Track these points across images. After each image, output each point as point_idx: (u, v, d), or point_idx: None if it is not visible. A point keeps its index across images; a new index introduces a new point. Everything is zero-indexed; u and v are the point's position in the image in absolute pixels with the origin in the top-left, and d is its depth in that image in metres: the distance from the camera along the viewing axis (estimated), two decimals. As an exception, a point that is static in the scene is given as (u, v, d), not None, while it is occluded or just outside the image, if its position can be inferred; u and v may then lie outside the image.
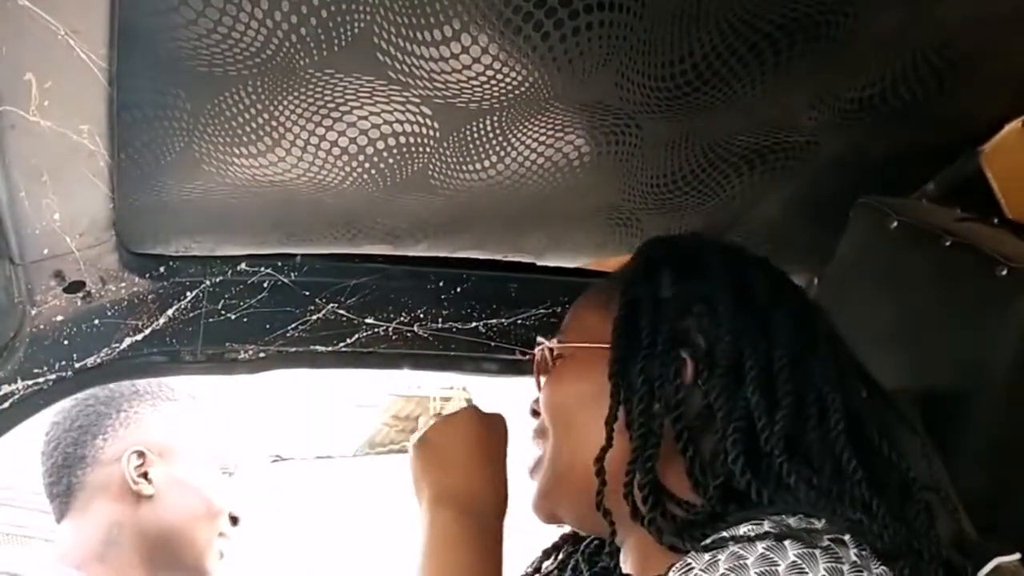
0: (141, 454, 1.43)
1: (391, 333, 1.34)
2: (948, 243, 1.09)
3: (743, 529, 0.78)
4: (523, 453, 0.99)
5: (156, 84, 0.89)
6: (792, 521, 0.77)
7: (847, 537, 0.76)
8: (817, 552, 0.73)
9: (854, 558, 0.74)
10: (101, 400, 1.45)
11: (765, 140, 1.11)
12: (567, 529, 1.04)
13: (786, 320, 0.89)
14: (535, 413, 0.99)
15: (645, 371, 0.88)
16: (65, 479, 1.44)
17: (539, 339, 1.00)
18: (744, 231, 1.31)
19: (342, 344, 1.32)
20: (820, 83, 1.02)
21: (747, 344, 0.86)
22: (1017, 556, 0.91)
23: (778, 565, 0.72)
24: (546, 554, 1.06)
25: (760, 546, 0.74)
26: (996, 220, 1.11)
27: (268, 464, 10.98)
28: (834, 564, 0.73)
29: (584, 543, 1.03)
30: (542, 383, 0.98)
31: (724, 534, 0.77)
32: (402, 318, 1.34)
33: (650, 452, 0.85)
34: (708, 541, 0.77)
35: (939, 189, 1.19)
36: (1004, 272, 1.03)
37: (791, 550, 0.73)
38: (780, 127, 1.09)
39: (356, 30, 0.84)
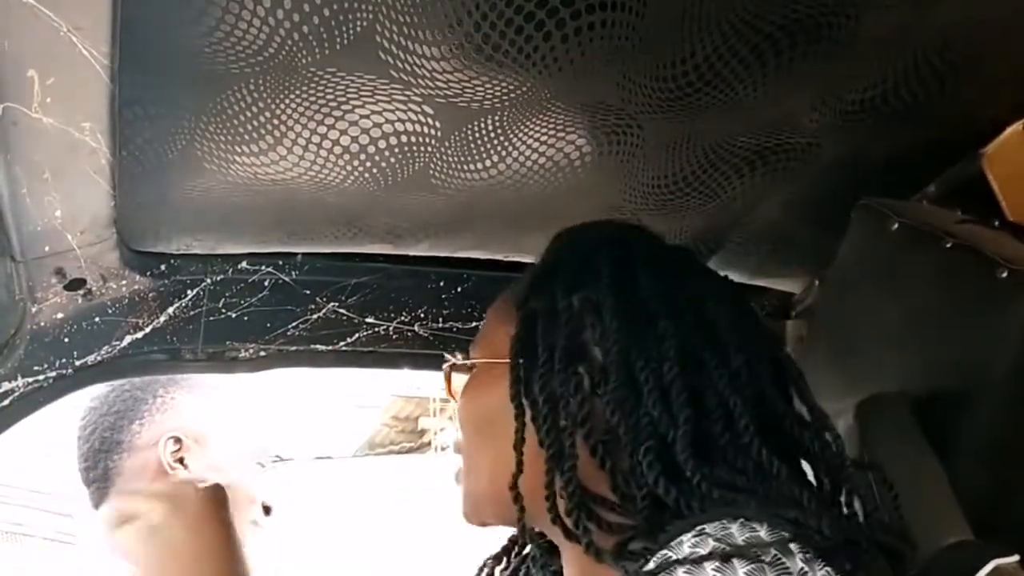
0: (178, 440, 1.42)
1: (392, 332, 1.34)
2: (949, 245, 1.09)
3: (687, 546, 0.74)
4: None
5: (158, 82, 0.89)
6: (735, 529, 0.74)
7: (792, 545, 0.72)
8: (766, 567, 0.70)
9: (800, 565, 0.71)
10: (137, 385, 1.44)
11: (766, 141, 1.11)
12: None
13: (675, 325, 0.85)
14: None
15: (546, 388, 0.85)
16: (102, 464, 1.43)
17: (446, 356, 0.99)
18: (745, 232, 1.31)
19: (342, 343, 1.32)
20: (821, 84, 1.02)
21: (637, 356, 0.83)
22: (1016, 558, 0.91)
23: None
24: (496, 559, 1.03)
25: (709, 568, 0.70)
26: (997, 222, 1.10)
27: (270, 464, 10.98)
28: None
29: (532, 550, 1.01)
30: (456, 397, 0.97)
31: (669, 554, 0.74)
32: (403, 317, 1.34)
33: (568, 473, 0.82)
34: (653, 566, 0.74)
35: (940, 191, 1.19)
36: (1005, 274, 1.03)
37: (740, 569, 0.70)
38: (781, 128, 1.09)
39: (358, 29, 0.84)
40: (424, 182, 1.08)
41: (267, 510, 1.50)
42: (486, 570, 1.02)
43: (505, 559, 1.02)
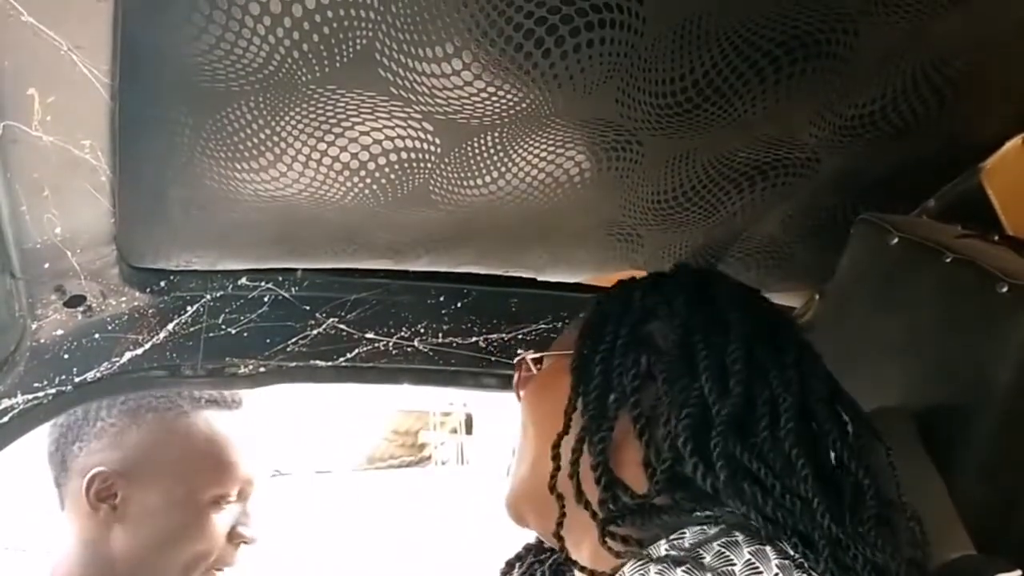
0: (106, 476, 1.31)
1: (391, 348, 1.34)
2: (949, 259, 1.09)
3: (663, 547, 0.78)
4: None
5: (158, 99, 0.89)
6: (714, 532, 0.78)
7: (768, 548, 0.75)
8: (739, 566, 0.74)
9: (775, 571, 0.74)
10: (84, 406, 1.32)
11: (766, 157, 1.11)
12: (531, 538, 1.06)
13: (744, 322, 0.91)
14: None
15: (603, 363, 0.91)
16: (53, 475, 1.37)
17: (520, 352, 1.05)
18: (745, 247, 1.31)
19: (342, 359, 1.31)
20: (820, 100, 1.03)
21: (700, 338, 0.89)
22: (1018, 572, 0.90)
23: None
24: (509, 565, 1.07)
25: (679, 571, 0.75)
26: (997, 237, 1.11)
27: (268, 479, 10.97)
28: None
29: (549, 556, 1.03)
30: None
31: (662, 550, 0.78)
32: (402, 333, 1.34)
33: (602, 434, 0.87)
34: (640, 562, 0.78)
35: (940, 205, 1.20)
36: (1004, 289, 1.03)
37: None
38: (781, 144, 1.09)
39: (358, 47, 0.84)
40: (424, 198, 1.08)
41: (239, 543, 1.38)
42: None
43: (518, 564, 1.06)
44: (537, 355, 1.01)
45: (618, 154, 1.05)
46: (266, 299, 1.27)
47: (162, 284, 1.21)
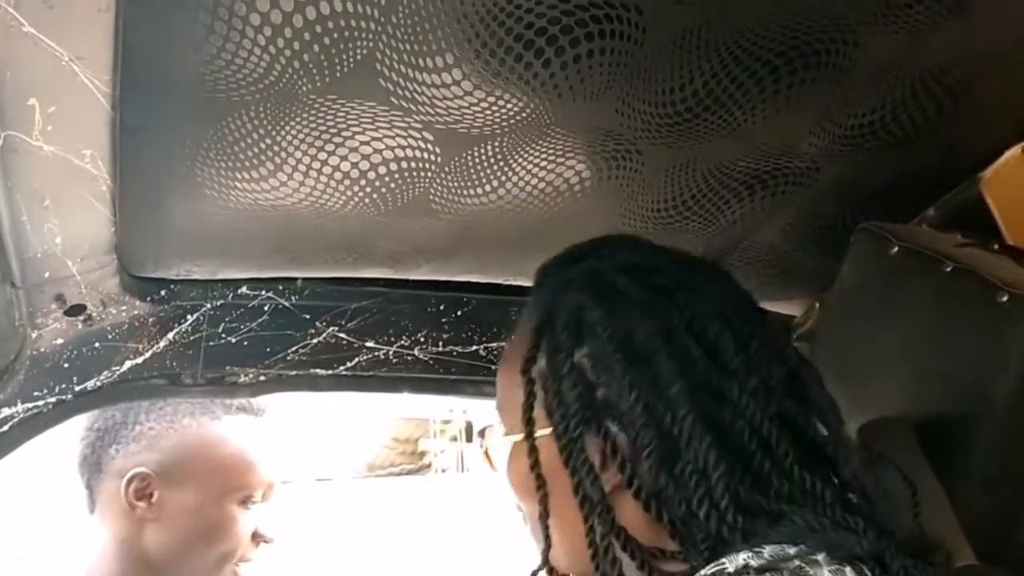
0: (145, 476, 1.38)
1: (391, 357, 1.34)
2: (948, 268, 1.09)
3: (742, 557, 0.75)
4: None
5: (159, 109, 0.89)
6: (792, 551, 0.75)
7: (848, 569, 0.74)
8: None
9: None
10: (121, 408, 1.40)
11: (765, 166, 1.11)
12: None
13: (678, 364, 0.82)
14: None
15: (573, 460, 0.82)
16: (85, 477, 1.43)
17: (483, 429, 0.98)
18: (745, 256, 1.31)
19: (342, 368, 1.32)
20: (820, 110, 1.03)
21: (662, 409, 0.81)
22: (1018, 583, 0.90)
23: None
24: None
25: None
26: (996, 246, 1.11)
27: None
28: None
29: None
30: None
31: (724, 564, 0.75)
32: (403, 342, 1.34)
33: (617, 533, 0.81)
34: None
35: (939, 215, 1.20)
36: (1004, 298, 1.03)
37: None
38: (780, 153, 1.09)
39: (358, 57, 0.84)
40: (424, 207, 1.08)
41: (259, 542, 1.46)
42: None
43: None
44: (487, 446, 0.95)
45: (618, 163, 1.05)
46: (266, 308, 1.27)
47: (162, 293, 1.21)
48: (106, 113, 0.84)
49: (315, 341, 1.30)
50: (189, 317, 1.23)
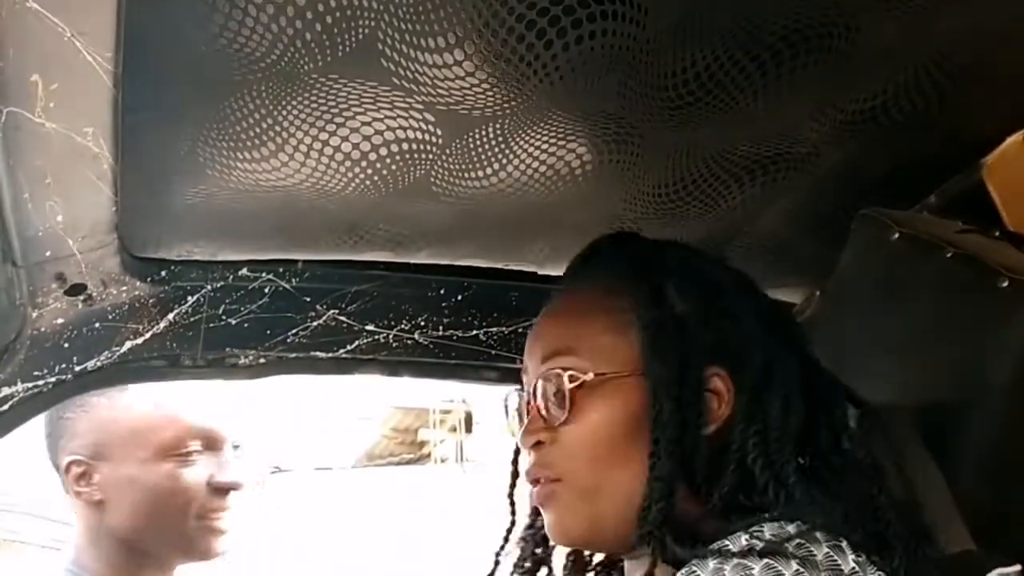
0: (79, 463, 1.41)
1: (391, 340, 1.33)
2: (949, 255, 1.09)
3: (744, 538, 0.78)
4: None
5: (161, 88, 0.89)
6: (792, 529, 0.79)
7: (844, 543, 0.77)
8: (819, 559, 0.75)
9: (852, 565, 0.76)
10: (59, 406, 1.38)
11: (767, 151, 1.11)
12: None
13: (791, 332, 0.93)
14: (539, 444, 0.92)
15: (679, 393, 0.86)
16: (60, 480, 1.46)
17: (550, 368, 0.91)
18: (745, 242, 1.31)
19: (342, 351, 1.31)
20: (822, 95, 1.03)
21: (773, 359, 0.88)
22: (1017, 568, 0.90)
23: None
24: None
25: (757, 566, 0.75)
26: (997, 232, 1.11)
27: (267, 476, 10.97)
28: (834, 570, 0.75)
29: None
30: (555, 417, 0.90)
31: (726, 543, 0.78)
32: (403, 325, 1.34)
33: (674, 480, 0.84)
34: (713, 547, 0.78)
35: (941, 201, 1.20)
36: (1005, 284, 1.03)
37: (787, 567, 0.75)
38: (782, 138, 1.09)
39: (360, 36, 0.84)
40: (425, 189, 1.08)
41: (221, 491, 1.44)
42: None
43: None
44: (600, 375, 0.89)
45: (619, 147, 1.05)
46: (266, 290, 1.27)
47: (163, 274, 1.21)
48: (108, 91, 0.84)
49: (315, 324, 1.30)
50: (189, 298, 1.23)
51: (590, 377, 0.89)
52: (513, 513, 1.02)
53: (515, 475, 0.99)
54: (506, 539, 1.03)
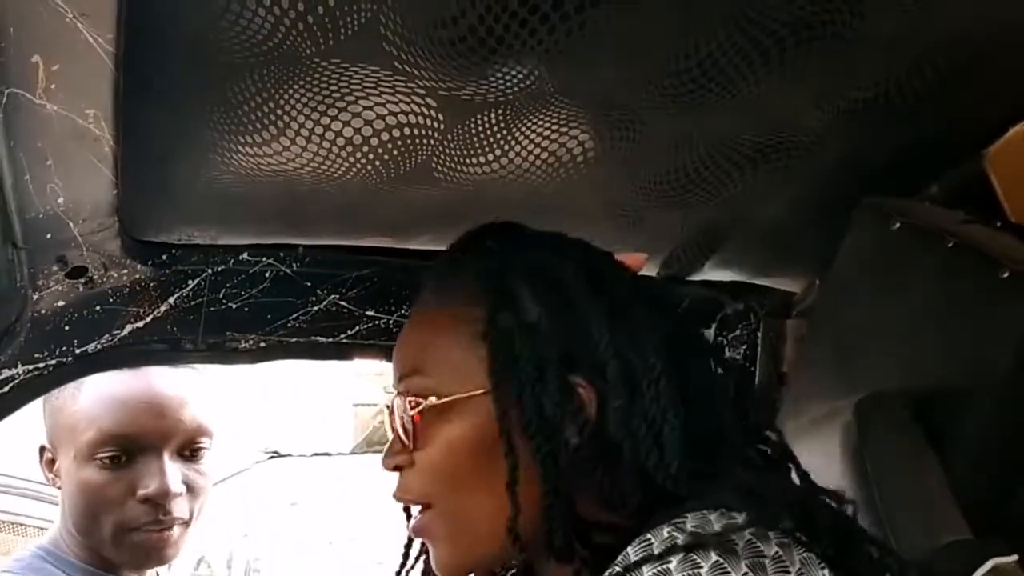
0: (45, 448, 1.41)
1: (392, 326, 1.33)
2: (951, 245, 1.09)
3: (665, 532, 0.74)
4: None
5: (163, 70, 0.89)
6: (714, 518, 0.75)
7: (769, 532, 0.74)
8: (739, 547, 0.71)
9: (775, 549, 0.72)
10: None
11: (769, 139, 1.11)
12: None
13: (653, 317, 0.86)
14: (397, 468, 0.89)
15: (538, 410, 0.81)
16: None
17: (401, 389, 0.89)
18: (747, 230, 1.31)
19: (343, 336, 1.31)
20: (824, 82, 1.02)
21: (633, 358, 0.82)
22: (1014, 557, 0.91)
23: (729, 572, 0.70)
24: None
25: (675, 561, 0.71)
26: (999, 223, 1.11)
27: (265, 460, 10.99)
28: (756, 559, 0.71)
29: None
30: (408, 442, 0.87)
31: (649, 539, 0.74)
32: (403, 311, 1.34)
33: (558, 492, 0.80)
34: (631, 559, 0.74)
35: (942, 191, 1.19)
36: (1006, 275, 1.03)
37: (712, 557, 0.71)
38: (784, 126, 1.09)
39: (362, 20, 0.84)
40: (426, 175, 1.08)
41: (150, 501, 1.35)
42: None
43: None
44: (443, 400, 0.85)
45: (621, 133, 1.05)
46: (267, 274, 1.27)
47: (164, 257, 1.21)
48: (110, 73, 0.84)
49: (316, 309, 1.30)
50: (190, 282, 1.23)
51: (433, 401, 0.85)
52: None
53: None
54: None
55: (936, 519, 1.00)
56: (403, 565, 0.96)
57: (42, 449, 1.42)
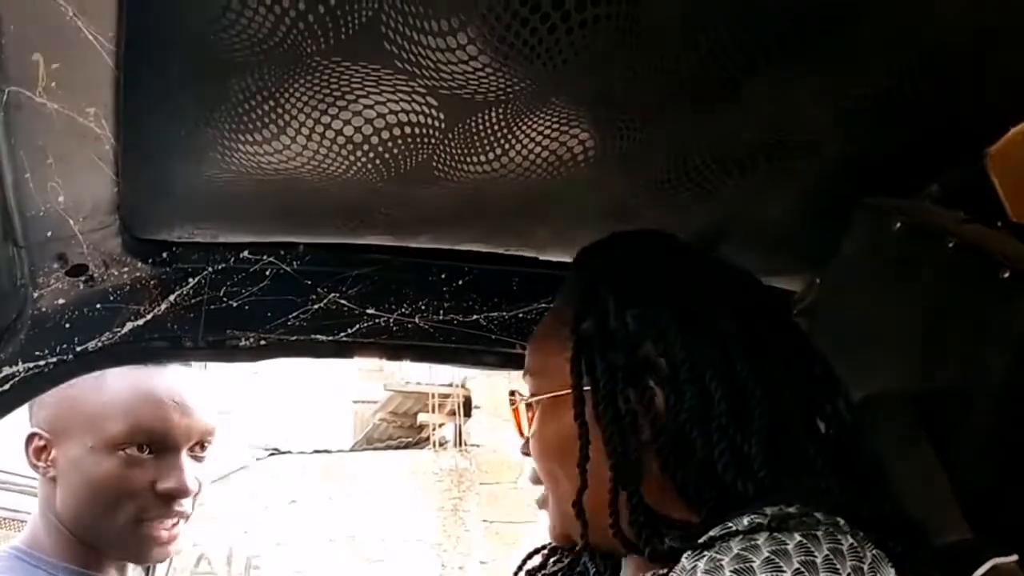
0: (39, 436, 1.38)
1: (392, 324, 1.34)
2: (951, 245, 1.09)
3: (746, 519, 0.79)
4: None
5: (163, 68, 0.89)
6: (793, 511, 0.79)
7: (819, 533, 0.77)
8: (819, 534, 0.76)
9: (851, 541, 0.76)
10: None
11: (769, 138, 1.11)
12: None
13: (733, 327, 0.90)
14: (526, 453, 1.00)
15: (610, 405, 0.88)
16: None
17: (513, 391, 1.02)
18: (747, 229, 1.31)
19: (343, 334, 1.32)
20: (825, 81, 1.02)
21: (705, 360, 0.87)
22: (1014, 557, 0.91)
23: (786, 545, 0.75)
24: (529, 574, 1.07)
25: (763, 537, 0.76)
26: (1000, 223, 1.10)
27: (265, 457, 10.99)
28: (835, 546, 0.75)
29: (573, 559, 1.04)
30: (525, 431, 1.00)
31: (730, 525, 0.79)
32: (403, 309, 1.34)
33: (630, 480, 0.86)
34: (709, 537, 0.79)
35: (943, 191, 1.19)
36: (1007, 275, 1.03)
37: (795, 538, 0.76)
38: (784, 125, 1.09)
39: (363, 19, 0.84)
40: (427, 174, 1.08)
41: (168, 497, 1.37)
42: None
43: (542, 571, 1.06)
44: (531, 400, 0.98)
45: (621, 132, 1.05)
46: (267, 273, 1.27)
47: (164, 255, 1.21)
48: (110, 71, 0.84)
49: (316, 307, 1.30)
50: (191, 280, 1.23)
51: (530, 400, 0.98)
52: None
53: None
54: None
55: (937, 518, 0.99)
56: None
57: (32, 436, 1.39)
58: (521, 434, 1.01)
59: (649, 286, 0.93)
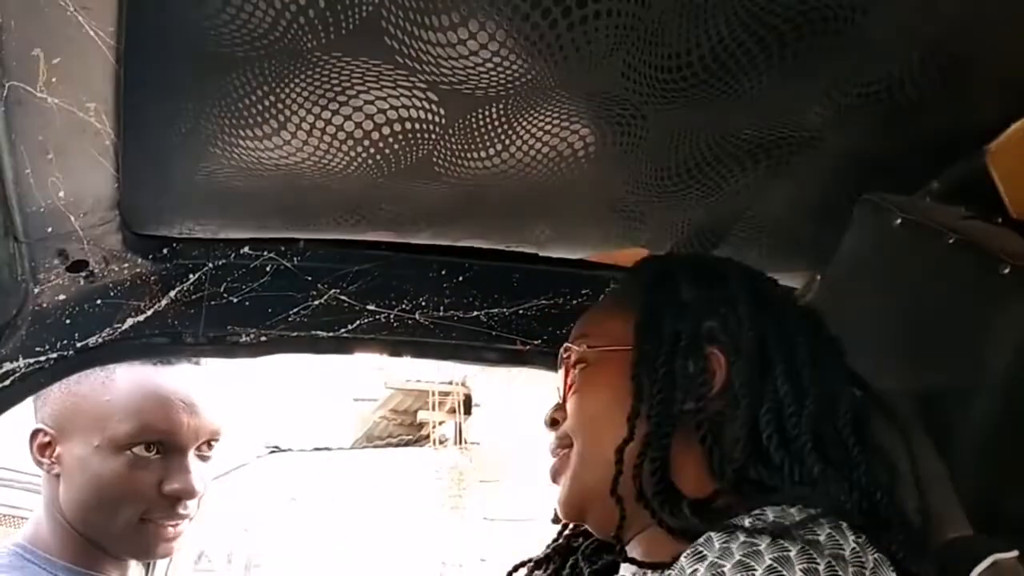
0: (44, 432, 1.36)
1: (392, 320, 1.34)
2: (951, 241, 1.09)
3: (747, 521, 0.81)
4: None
5: (164, 64, 0.89)
6: (794, 512, 0.81)
7: (844, 524, 0.80)
8: (822, 538, 0.77)
9: (853, 545, 0.78)
10: None
11: (770, 135, 1.11)
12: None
13: (800, 321, 0.96)
14: (554, 423, 1.02)
15: (668, 365, 0.92)
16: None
17: (567, 345, 1.03)
18: (747, 226, 1.31)
19: (343, 330, 1.32)
20: (826, 78, 1.02)
21: (771, 340, 0.92)
22: (1015, 553, 0.91)
23: (789, 552, 0.76)
24: (538, 564, 1.07)
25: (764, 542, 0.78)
26: (1000, 219, 1.10)
27: (265, 455, 11.00)
28: (837, 551, 0.77)
29: (582, 547, 1.05)
30: (568, 392, 1.02)
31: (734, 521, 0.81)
32: (404, 305, 1.34)
33: (664, 442, 0.89)
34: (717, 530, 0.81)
35: (944, 187, 1.19)
36: (1007, 271, 1.03)
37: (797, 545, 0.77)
38: (785, 122, 1.09)
39: (364, 14, 0.84)
40: (427, 170, 1.08)
41: (174, 499, 1.36)
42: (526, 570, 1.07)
43: (546, 566, 1.07)
44: (588, 350, 1.00)
45: (622, 128, 1.05)
46: (268, 269, 1.27)
47: (164, 251, 1.21)
48: (111, 67, 0.84)
49: (316, 303, 1.30)
50: (191, 276, 1.23)
51: (583, 350, 1.00)
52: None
53: None
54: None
55: (938, 515, 0.99)
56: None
57: (36, 432, 1.37)
58: (563, 395, 1.02)
59: (720, 274, 1.00)
